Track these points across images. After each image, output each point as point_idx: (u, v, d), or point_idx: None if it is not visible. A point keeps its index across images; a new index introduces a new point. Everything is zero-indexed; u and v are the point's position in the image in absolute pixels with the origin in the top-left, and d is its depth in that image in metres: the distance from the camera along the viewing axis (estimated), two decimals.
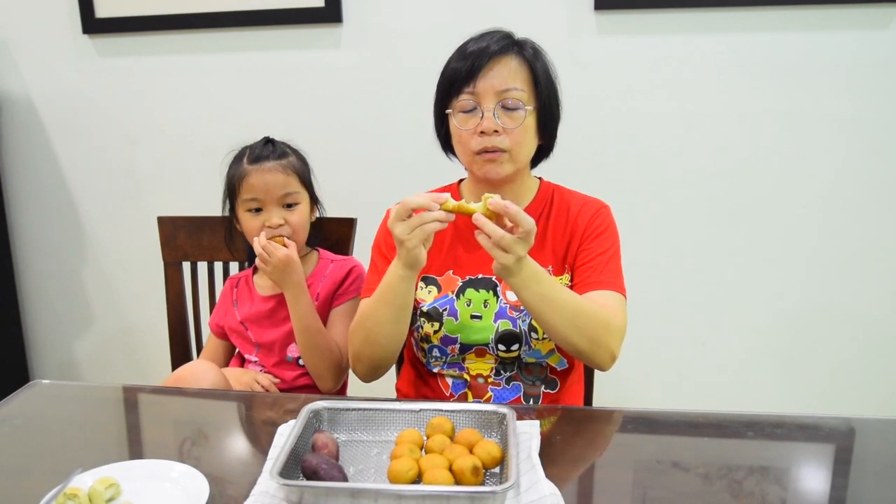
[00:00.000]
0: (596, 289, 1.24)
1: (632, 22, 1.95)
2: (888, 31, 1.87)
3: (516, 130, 1.20)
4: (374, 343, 1.22)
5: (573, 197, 1.34)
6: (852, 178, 1.97)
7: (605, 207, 1.33)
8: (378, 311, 1.19)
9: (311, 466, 0.90)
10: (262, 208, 1.44)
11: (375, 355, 1.24)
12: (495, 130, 1.19)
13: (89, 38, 2.19)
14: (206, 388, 1.30)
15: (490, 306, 1.28)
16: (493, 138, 1.20)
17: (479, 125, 1.20)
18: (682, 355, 2.15)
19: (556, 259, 1.30)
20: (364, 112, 2.12)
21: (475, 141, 1.21)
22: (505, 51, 1.21)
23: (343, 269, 1.52)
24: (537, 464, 0.93)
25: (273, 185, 1.43)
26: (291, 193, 1.45)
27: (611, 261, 1.27)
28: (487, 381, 1.30)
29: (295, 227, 1.45)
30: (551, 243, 1.30)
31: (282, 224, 1.44)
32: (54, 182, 2.33)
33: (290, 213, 1.45)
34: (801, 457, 1.02)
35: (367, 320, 1.21)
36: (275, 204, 1.44)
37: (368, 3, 2.04)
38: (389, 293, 1.17)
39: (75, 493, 0.88)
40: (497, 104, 1.20)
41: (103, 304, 2.43)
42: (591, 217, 1.30)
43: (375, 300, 1.20)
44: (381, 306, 1.19)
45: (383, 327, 1.20)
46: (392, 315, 1.19)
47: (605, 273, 1.25)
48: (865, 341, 2.07)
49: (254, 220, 1.45)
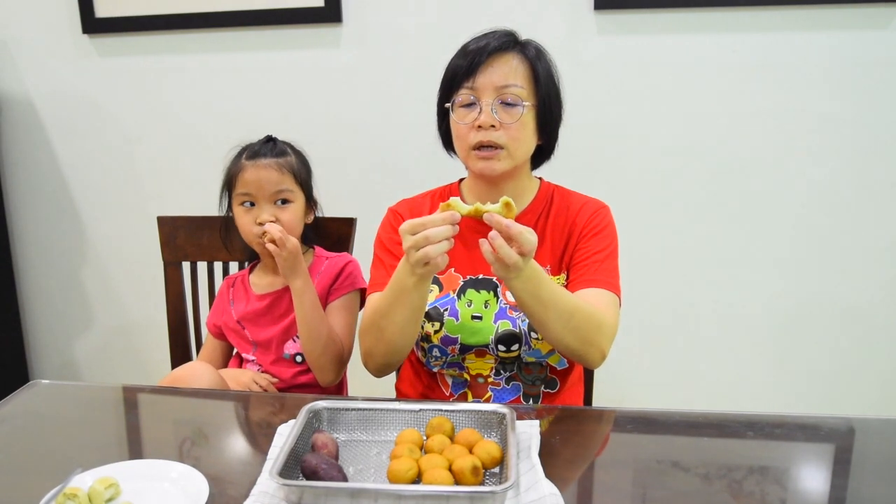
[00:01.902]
0: (590, 286, 1.24)
1: (632, 22, 1.95)
2: (888, 31, 1.87)
3: (513, 126, 1.20)
4: (388, 342, 1.21)
5: (573, 197, 1.35)
6: (852, 178, 1.97)
7: (605, 207, 1.33)
8: (393, 311, 1.17)
9: (311, 466, 0.91)
10: (254, 203, 1.45)
11: (389, 353, 1.23)
12: (492, 125, 1.19)
13: (89, 38, 2.19)
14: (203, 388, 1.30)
15: (490, 307, 1.28)
16: (490, 133, 1.20)
17: (477, 119, 1.20)
18: (681, 355, 2.15)
19: (554, 258, 1.30)
20: (364, 112, 2.12)
21: (472, 135, 1.21)
22: (506, 48, 1.21)
23: (337, 266, 1.52)
24: (537, 464, 0.93)
25: (266, 182, 1.44)
26: (284, 191, 1.45)
27: (607, 260, 1.27)
28: (487, 381, 1.30)
29: (286, 224, 1.45)
30: (550, 243, 1.30)
31: (272, 220, 1.44)
32: (54, 182, 2.34)
33: (281, 211, 1.45)
34: (801, 457, 1.02)
35: (382, 319, 1.19)
36: (267, 200, 1.45)
37: (368, 3, 2.04)
38: (405, 295, 1.14)
39: (75, 493, 0.88)
40: (496, 100, 1.20)
41: (103, 304, 2.43)
42: (589, 216, 1.30)
43: (390, 301, 1.17)
44: (396, 307, 1.16)
45: (398, 326, 1.18)
46: (408, 316, 1.17)
47: (600, 272, 1.25)
48: (865, 341, 2.07)
49: (245, 215, 1.46)
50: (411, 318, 1.18)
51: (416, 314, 1.18)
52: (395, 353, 1.23)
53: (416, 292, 1.13)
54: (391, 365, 1.27)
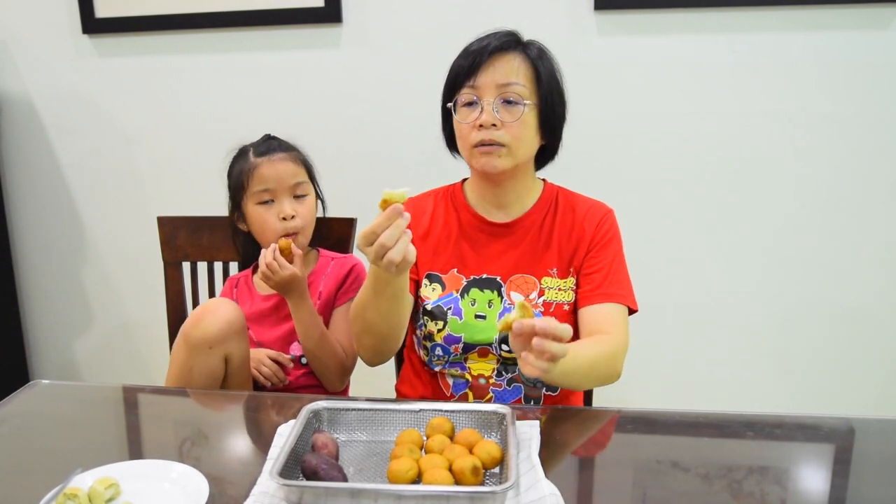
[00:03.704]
0: (602, 301, 1.25)
1: (632, 22, 1.95)
2: (888, 31, 1.87)
3: (515, 124, 1.20)
4: (374, 333, 1.21)
5: (578, 200, 1.34)
6: (852, 178, 1.97)
7: (610, 212, 1.33)
8: (375, 302, 1.16)
9: (311, 466, 0.91)
10: (273, 199, 1.45)
11: (377, 342, 1.23)
12: (493, 124, 1.19)
13: (89, 38, 2.19)
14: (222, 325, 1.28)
15: (494, 306, 1.28)
16: (491, 132, 1.20)
17: (479, 118, 1.20)
18: (681, 355, 2.15)
19: (562, 262, 1.30)
20: (364, 112, 2.12)
21: (474, 134, 1.21)
22: (508, 47, 1.22)
23: (344, 268, 1.52)
24: (537, 464, 0.93)
25: (285, 174, 1.44)
26: (302, 184, 1.47)
27: (618, 269, 1.28)
28: (489, 382, 1.30)
29: (305, 218, 1.46)
30: (557, 246, 1.30)
31: (293, 215, 1.44)
32: (54, 182, 2.33)
33: (300, 205, 1.46)
34: (801, 457, 1.02)
35: (365, 311, 1.18)
36: (286, 194, 1.45)
37: (368, 3, 2.04)
38: (384, 287, 1.13)
39: (75, 493, 0.88)
40: (497, 98, 1.20)
41: (103, 304, 2.43)
42: (597, 224, 1.30)
43: (369, 294, 1.15)
44: (377, 299, 1.15)
45: (382, 316, 1.18)
46: (389, 305, 1.16)
47: (613, 283, 1.26)
48: (865, 341, 2.07)
49: (266, 212, 1.45)
50: (393, 307, 1.17)
51: (397, 302, 1.17)
52: (383, 339, 1.22)
53: (395, 283, 1.12)
54: (383, 353, 1.26)
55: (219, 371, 1.32)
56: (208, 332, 1.28)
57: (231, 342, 1.31)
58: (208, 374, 1.30)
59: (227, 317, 1.30)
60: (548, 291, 1.28)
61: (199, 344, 1.28)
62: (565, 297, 1.28)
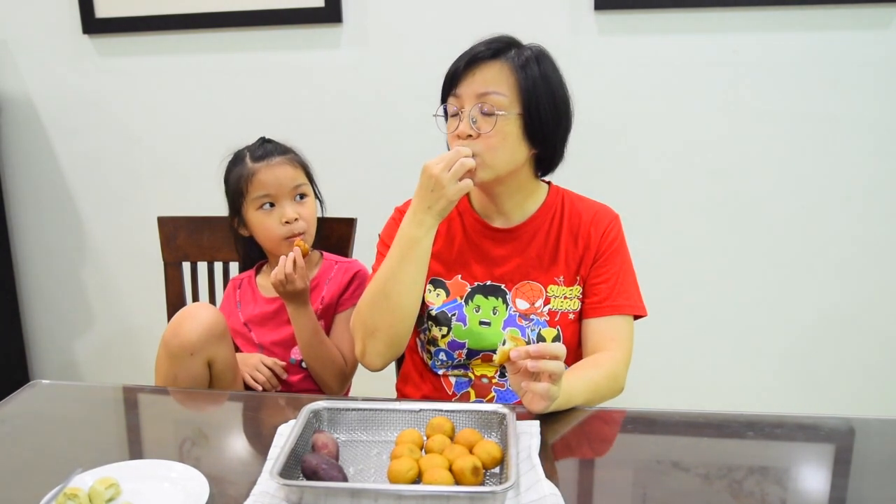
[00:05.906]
0: (606, 314, 1.26)
1: (632, 22, 1.95)
2: (888, 31, 1.87)
3: (490, 135, 1.17)
4: (394, 309, 1.19)
5: (583, 204, 1.33)
6: (852, 179, 1.97)
7: (616, 219, 1.32)
8: (401, 269, 1.18)
9: (311, 466, 0.90)
10: (274, 203, 1.44)
11: (394, 325, 1.21)
12: (469, 135, 1.18)
13: (89, 38, 2.19)
14: (202, 331, 1.27)
15: (499, 313, 1.28)
16: (468, 143, 1.18)
17: (457, 129, 1.19)
18: (682, 356, 2.15)
19: (569, 270, 1.29)
20: (364, 112, 2.12)
21: (455, 144, 1.20)
22: (492, 55, 1.19)
23: (348, 273, 1.52)
24: (537, 464, 0.93)
25: (284, 178, 1.44)
26: (301, 185, 1.46)
27: (624, 278, 1.28)
28: (491, 382, 1.30)
29: (308, 220, 1.46)
30: (564, 253, 1.29)
31: (296, 218, 1.44)
32: (54, 182, 2.33)
33: (301, 207, 1.46)
34: (801, 457, 1.02)
35: (387, 282, 1.19)
36: (287, 197, 1.45)
37: (368, 3, 2.04)
38: (415, 248, 1.17)
39: (75, 493, 0.88)
40: (475, 108, 1.18)
41: (103, 304, 2.43)
42: (604, 232, 1.29)
43: (397, 259, 1.18)
44: (404, 264, 1.18)
45: (406, 286, 1.19)
46: (415, 273, 1.19)
47: (618, 295, 1.26)
48: (865, 341, 2.06)
49: (268, 218, 1.44)
50: (417, 278, 1.19)
51: (422, 272, 1.20)
52: (399, 322, 1.21)
53: (426, 242, 1.17)
54: (394, 346, 1.23)
55: (203, 377, 1.31)
56: (188, 339, 1.27)
57: (212, 347, 1.29)
58: (192, 381, 1.30)
59: (207, 322, 1.28)
60: (554, 300, 1.28)
61: (179, 352, 1.27)
62: (571, 306, 1.28)
